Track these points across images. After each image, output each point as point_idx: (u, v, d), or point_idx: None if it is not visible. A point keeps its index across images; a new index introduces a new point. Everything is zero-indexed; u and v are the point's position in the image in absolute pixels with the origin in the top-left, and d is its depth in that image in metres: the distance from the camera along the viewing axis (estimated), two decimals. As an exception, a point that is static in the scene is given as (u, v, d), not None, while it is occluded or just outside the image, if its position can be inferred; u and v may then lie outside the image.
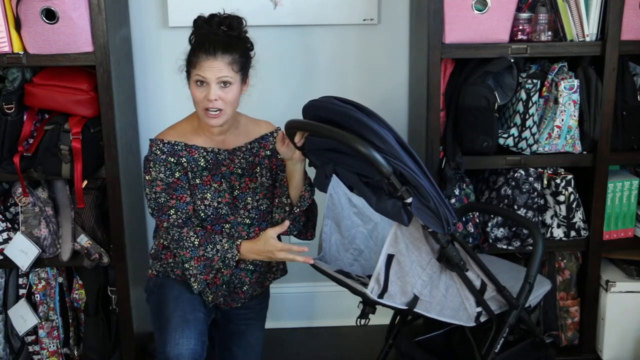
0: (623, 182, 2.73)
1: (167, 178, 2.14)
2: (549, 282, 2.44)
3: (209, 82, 2.08)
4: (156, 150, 2.16)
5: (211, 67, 2.07)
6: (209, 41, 2.09)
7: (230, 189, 2.21)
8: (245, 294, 2.29)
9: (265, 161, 2.26)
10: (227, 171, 2.21)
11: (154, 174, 2.14)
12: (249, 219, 2.23)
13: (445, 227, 1.86)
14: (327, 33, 2.91)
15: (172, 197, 2.13)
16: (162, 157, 2.15)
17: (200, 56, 2.08)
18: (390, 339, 2.47)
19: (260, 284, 2.32)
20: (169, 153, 2.16)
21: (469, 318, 2.11)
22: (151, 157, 2.16)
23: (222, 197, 2.19)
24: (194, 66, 2.10)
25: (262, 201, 2.25)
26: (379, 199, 1.89)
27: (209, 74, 2.07)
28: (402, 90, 2.98)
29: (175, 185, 2.14)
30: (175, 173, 2.15)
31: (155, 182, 2.13)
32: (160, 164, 2.14)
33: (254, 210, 2.23)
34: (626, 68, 2.60)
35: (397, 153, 1.79)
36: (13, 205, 2.71)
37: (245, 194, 2.23)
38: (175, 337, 2.05)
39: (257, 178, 2.25)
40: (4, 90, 2.54)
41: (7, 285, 2.75)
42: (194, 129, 2.22)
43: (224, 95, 2.10)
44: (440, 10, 2.47)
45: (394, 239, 1.91)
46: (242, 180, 2.23)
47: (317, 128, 1.93)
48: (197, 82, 2.10)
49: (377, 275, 1.93)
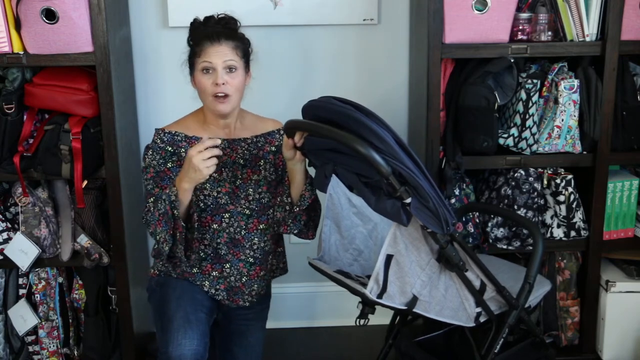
0: (623, 182, 2.73)
1: (158, 166, 2.18)
2: (548, 283, 2.43)
3: (215, 67, 2.13)
4: (157, 139, 2.21)
5: (217, 52, 2.13)
6: (211, 31, 2.15)
7: (232, 179, 2.23)
8: (248, 287, 2.29)
9: (270, 156, 2.28)
10: (229, 160, 2.23)
11: (149, 160, 2.19)
12: (249, 210, 2.24)
13: (445, 227, 1.85)
14: (327, 33, 2.91)
15: (157, 185, 2.16)
16: (161, 145, 2.19)
17: (205, 44, 2.14)
18: (390, 339, 2.47)
19: (261, 279, 2.31)
20: (168, 142, 2.19)
21: (468, 318, 2.10)
22: (151, 145, 2.21)
23: (221, 186, 2.21)
24: (198, 55, 2.14)
25: (264, 194, 2.26)
26: (378, 199, 1.89)
27: (215, 59, 2.12)
28: (402, 91, 2.98)
29: (164, 175, 2.17)
30: (168, 163, 2.18)
31: (148, 169, 2.18)
32: (157, 151, 2.19)
33: (254, 201, 2.24)
34: (626, 68, 2.60)
35: (396, 153, 1.79)
36: (13, 205, 2.71)
37: (247, 185, 2.24)
38: (177, 337, 2.06)
39: (261, 171, 2.26)
40: (4, 90, 2.54)
41: (7, 285, 2.75)
42: (199, 124, 2.24)
43: (230, 80, 2.14)
44: (440, 10, 2.47)
45: (393, 239, 1.91)
46: (244, 171, 2.24)
47: (316, 128, 1.93)
48: (204, 70, 2.14)
49: (376, 276, 1.93)
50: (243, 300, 2.30)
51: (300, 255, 2.22)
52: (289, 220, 2.23)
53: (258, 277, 2.29)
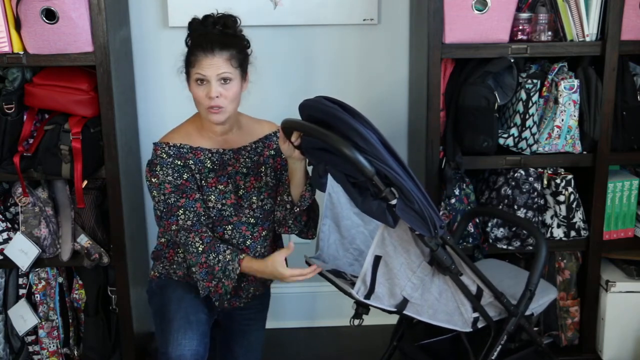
0: (623, 182, 2.73)
1: (175, 180, 2.13)
2: (554, 290, 2.38)
3: (209, 79, 2.09)
4: (162, 154, 2.15)
5: (210, 64, 2.08)
6: (205, 40, 2.10)
7: (235, 189, 2.21)
8: (246, 291, 2.29)
9: (270, 160, 2.27)
10: (232, 171, 2.21)
11: (162, 176, 2.13)
12: (254, 219, 2.23)
13: (432, 230, 1.84)
14: (327, 33, 2.91)
15: (182, 196, 2.13)
16: (169, 160, 2.14)
17: (199, 55, 2.09)
18: (395, 341, 2.45)
19: (261, 282, 2.32)
20: (175, 156, 2.15)
21: (464, 323, 2.08)
22: (157, 160, 2.14)
23: (227, 198, 2.19)
24: (192, 65, 2.10)
25: (267, 200, 2.25)
26: (365, 199, 1.89)
27: (208, 72, 2.08)
28: (402, 90, 2.98)
29: (184, 187, 2.14)
30: (184, 175, 2.14)
31: (163, 185, 2.12)
32: (167, 166, 2.13)
33: (258, 209, 2.24)
34: (626, 68, 2.60)
35: (380, 154, 1.78)
36: (13, 205, 2.71)
37: (250, 194, 2.23)
38: (177, 338, 2.05)
39: (262, 177, 2.25)
40: (4, 90, 2.54)
41: (7, 285, 2.75)
42: (197, 130, 2.22)
43: (224, 92, 2.10)
44: (440, 10, 2.47)
45: (381, 240, 1.91)
46: (247, 180, 2.23)
47: (306, 128, 1.94)
48: (198, 81, 2.10)
49: (363, 276, 1.92)
50: (239, 302, 2.31)
51: (300, 255, 2.22)
52: (289, 221, 2.23)
53: (256, 279, 2.29)
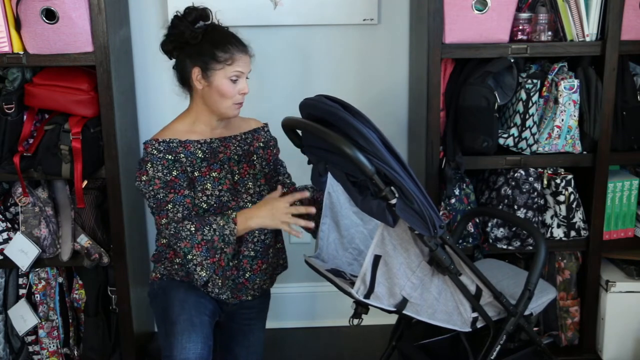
0: (623, 182, 2.73)
1: (164, 176, 2.14)
2: (554, 290, 2.38)
3: (241, 76, 2.19)
4: (152, 151, 2.16)
5: (246, 62, 2.19)
6: (235, 38, 2.19)
7: (230, 174, 2.24)
8: (251, 282, 2.29)
9: (260, 151, 2.31)
10: (224, 157, 2.24)
11: (152, 172, 2.14)
12: (251, 204, 2.24)
13: (432, 229, 1.84)
14: (327, 33, 2.91)
15: (170, 192, 2.14)
16: (159, 155, 2.15)
17: (234, 52, 2.17)
18: (394, 341, 2.44)
19: (264, 272, 2.32)
20: (166, 151, 2.16)
21: (464, 323, 2.08)
22: (148, 157, 2.16)
23: (222, 184, 2.21)
24: (228, 62, 2.16)
25: (264, 187, 2.28)
26: (365, 198, 1.89)
27: (246, 69, 2.19)
28: (402, 90, 2.98)
29: (173, 183, 2.15)
30: (173, 171, 2.15)
31: (153, 181, 2.14)
32: (157, 162, 2.15)
33: (256, 195, 2.26)
34: (626, 68, 2.60)
35: (381, 153, 1.78)
36: (13, 205, 2.71)
37: (245, 179, 2.26)
38: (182, 341, 2.04)
39: (255, 165, 2.28)
40: (4, 90, 2.54)
41: (7, 285, 2.75)
42: (188, 128, 2.23)
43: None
44: (440, 10, 2.47)
45: (381, 239, 1.91)
46: (241, 166, 2.26)
47: (307, 126, 1.94)
48: (233, 77, 2.18)
49: (363, 276, 1.92)
50: (246, 295, 2.30)
51: (300, 255, 2.22)
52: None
53: (260, 270, 2.29)
